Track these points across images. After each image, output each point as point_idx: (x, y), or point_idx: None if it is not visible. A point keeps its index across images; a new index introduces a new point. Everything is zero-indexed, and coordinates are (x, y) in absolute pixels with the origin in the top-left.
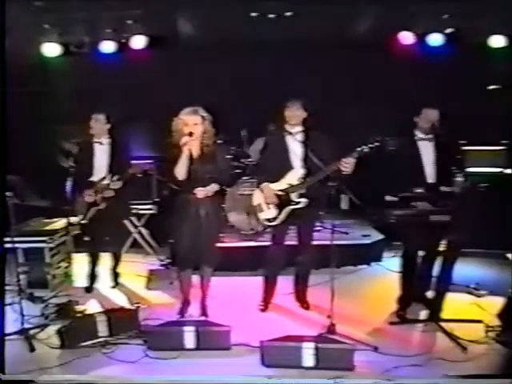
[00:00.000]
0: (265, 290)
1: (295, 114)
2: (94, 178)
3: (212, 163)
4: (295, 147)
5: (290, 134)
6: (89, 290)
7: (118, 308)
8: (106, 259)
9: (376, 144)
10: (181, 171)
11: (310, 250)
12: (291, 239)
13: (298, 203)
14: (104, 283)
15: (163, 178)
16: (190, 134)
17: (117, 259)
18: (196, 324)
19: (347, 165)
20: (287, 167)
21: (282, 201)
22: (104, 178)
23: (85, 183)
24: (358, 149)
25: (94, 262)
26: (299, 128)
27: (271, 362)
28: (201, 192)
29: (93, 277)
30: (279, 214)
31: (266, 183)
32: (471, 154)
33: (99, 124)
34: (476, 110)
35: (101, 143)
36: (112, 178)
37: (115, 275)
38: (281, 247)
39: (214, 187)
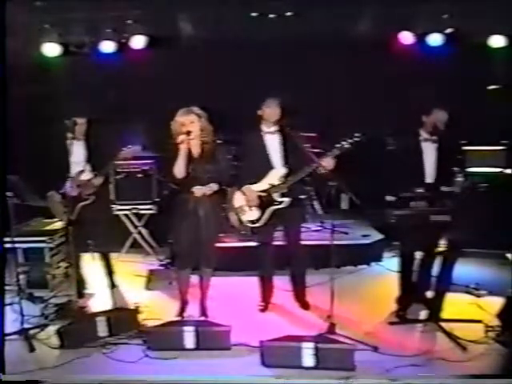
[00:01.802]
0: (262, 290)
1: (275, 111)
2: (72, 173)
3: (212, 162)
4: (274, 146)
5: (268, 133)
6: (80, 295)
7: (118, 308)
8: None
9: (356, 140)
10: (180, 170)
11: (301, 250)
12: (280, 240)
13: (280, 203)
14: (102, 284)
15: (163, 177)
16: (188, 133)
17: (107, 259)
18: (196, 324)
19: (326, 163)
20: (268, 167)
21: (265, 201)
22: (82, 172)
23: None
24: (338, 145)
25: (79, 264)
26: (276, 127)
27: (271, 362)
28: (198, 191)
29: (81, 281)
30: (262, 214)
31: (247, 186)
32: (471, 153)
33: (79, 127)
34: (476, 110)
35: (78, 139)
36: (91, 171)
37: (110, 276)
38: (269, 248)
39: (212, 187)
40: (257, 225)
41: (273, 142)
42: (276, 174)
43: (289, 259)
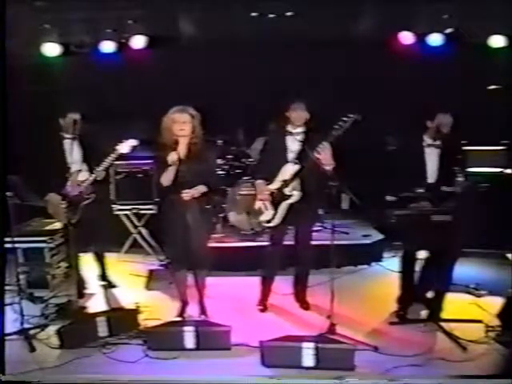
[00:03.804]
0: (262, 290)
1: (300, 115)
2: (71, 173)
3: (200, 163)
4: (294, 147)
5: (291, 134)
6: (80, 295)
7: (118, 308)
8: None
9: (351, 119)
10: (168, 179)
11: (309, 250)
12: (290, 239)
13: (290, 196)
14: (98, 284)
15: None
16: (178, 141)
17: (102, 259)
18: (196, 324)
19: (325, 151)
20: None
21: (277, 197)
22: (80, 171)
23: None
24: (336, 127)
25: (79, 264)
26: (301, 129)
27: (271, 362)
28: (186, 195)
29: (81, 281)
30: (276, 212)
31: (259, 181)
32: (471, 153)
33: (77, 126)
34: (476, 110)
35: (76, 139)
36: (89, 170)
37: (104, 276)
38: (279, 247)
39: (200, 189)
40: (271, 224)
41: (294, 143)
42: (288, 171)
43: (295, 259)
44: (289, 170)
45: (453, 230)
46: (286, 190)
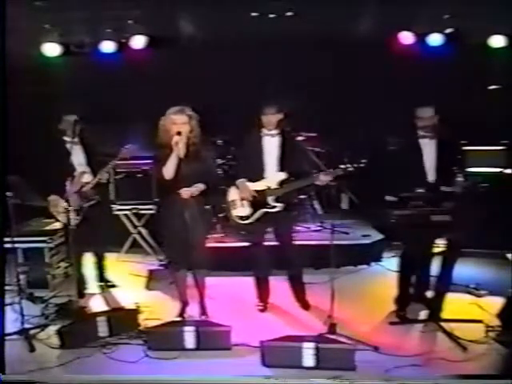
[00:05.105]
0: (259, 291)
1: (269, 118)
2: (74, 175)
3: (198, 163)
4: (272, 148)
5: (267, 135)
6: (81, 295)
7: (119, 308)
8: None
9: (361, 165)
10: (169, 170)
11: (294, 251)
12: (272, 240)
13: (273, 207)
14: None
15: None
16: (179, 134)
17: (101, 260)
18: (196, 324)
19: (323, 179)
20: (262, 168)
21: (258, 202)
22: (84, 173)
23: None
24: (342, 166)
25: (79, 264)
26: (277, 130)
27: (271, 362)
28: (185, 193)
29: (82, 281)
30: (253, 213)
31: (242, 179)
32: (471, 153)
33: (78, 128)
34: (476, 110)
35: (77, 141)
36: (92, 172)
37: (102, 276)
38: (261, 248)
39: (199, 187)
40: (245, 222)
41: (271, 144)
42: (275, 178)
43: (283, 261)
44: (276, 177)
45: (452, 230)
46: (270, 199)
